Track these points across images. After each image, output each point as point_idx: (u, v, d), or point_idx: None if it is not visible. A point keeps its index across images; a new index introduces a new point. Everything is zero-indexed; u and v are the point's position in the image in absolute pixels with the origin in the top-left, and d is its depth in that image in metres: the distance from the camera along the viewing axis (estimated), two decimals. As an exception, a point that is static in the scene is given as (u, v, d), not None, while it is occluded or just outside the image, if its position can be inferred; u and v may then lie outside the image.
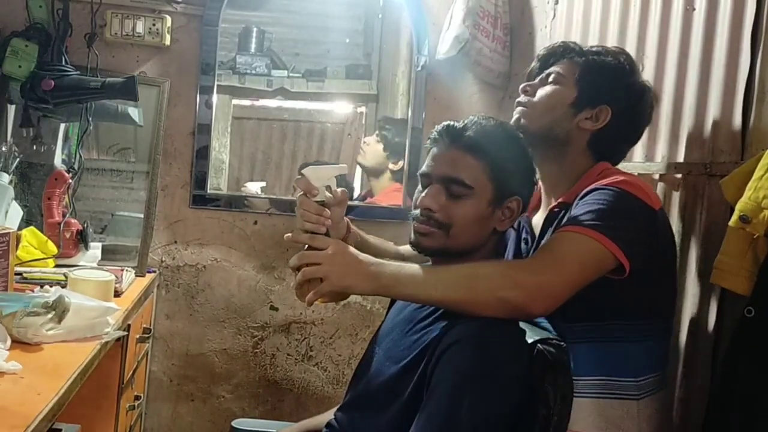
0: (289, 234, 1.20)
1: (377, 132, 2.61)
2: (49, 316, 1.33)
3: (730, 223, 1.19)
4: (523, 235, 1.41)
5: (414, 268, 1.16)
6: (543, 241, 1.31)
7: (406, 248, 1.50)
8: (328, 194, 1.22)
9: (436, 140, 1.26)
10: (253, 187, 2.61)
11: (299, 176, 1.23)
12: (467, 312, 1.11)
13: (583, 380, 1.24)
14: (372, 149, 2.58)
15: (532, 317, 1.16)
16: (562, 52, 1.40)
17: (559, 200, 1.34)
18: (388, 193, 2.55)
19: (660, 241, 1.24)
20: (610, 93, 1.33)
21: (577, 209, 1.21)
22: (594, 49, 1.41)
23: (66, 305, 1.35)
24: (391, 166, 2.56)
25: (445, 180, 1.22)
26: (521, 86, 1.42)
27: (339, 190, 1.25)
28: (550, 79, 1.37)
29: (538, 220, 1.41)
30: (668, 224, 1.31)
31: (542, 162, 1.39)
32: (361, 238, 1.51)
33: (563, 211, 1.29)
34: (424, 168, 1.26)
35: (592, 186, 1.24)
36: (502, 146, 1.24)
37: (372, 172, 2.61)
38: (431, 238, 1.22)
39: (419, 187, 1.27)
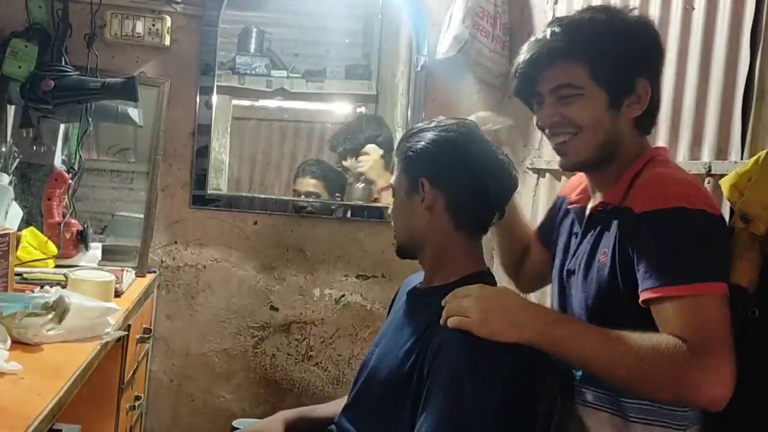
0: None
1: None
2: (50, 316, 1.33)
3: (732, 223, 1.18)
4: (574, 230, 1.30)
5: (589, 333, 1.06)
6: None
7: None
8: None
9: None
10: None
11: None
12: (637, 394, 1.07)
13: (630, 403, 1.13)
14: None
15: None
16: (548, 55, 1.17)
17: (600, 200, 1.21)
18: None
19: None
20: (636, 66, 1.16)
21: (655, 254, 1.05)
22: (577, 26, 1.18)
23: (66, 306, 1.35)
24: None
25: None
26: (541, 122, 1.23)
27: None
28: (565, 95, 1.17)
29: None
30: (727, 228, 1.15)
31: (587, 171, 1.25)
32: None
33: (604, 215, 1.18)
34: None
35: (649, 208, 1.07)
36: (406, 139, 1.33)
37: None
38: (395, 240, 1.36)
39: None
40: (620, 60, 1.14)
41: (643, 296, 1.05)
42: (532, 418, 1.15)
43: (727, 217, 1.32)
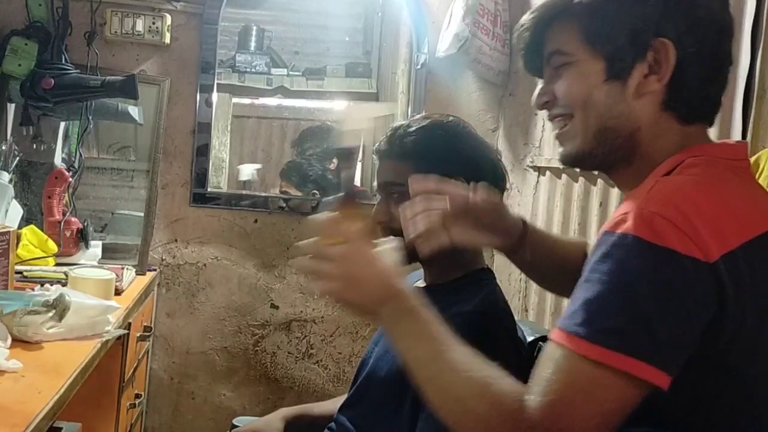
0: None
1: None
2: (50, 314, 1.33)
3: None
4: None
5: (424, 342, 0.84)
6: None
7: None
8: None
9: (375, 157, 1.32)
10: (247, 170, 2.63)
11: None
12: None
13: None
14: None
15: None
16: (536, 22, 0.92)
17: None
18: None
19: (727, 315, 0.72)
20: (650, 18, 0.82)
21: (580, 289, 0.75)
22: None
23: (66, 304, 1.35)
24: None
25: (385, 187, 1.26)
26: (534, 101, 0.95)
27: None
28: (555, 65, 0.90)
29: None
30: (747, 276, 0.72)
31: (612, 176, 0.94)
32: (540, 236, 1.15)
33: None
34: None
35: (607, 227, 0.75)
36: (427, 139, 1.24)
37: None
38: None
39: None
40: (621, 12, 0.83)
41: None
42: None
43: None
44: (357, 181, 2.80)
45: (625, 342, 0.69)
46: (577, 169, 1.66)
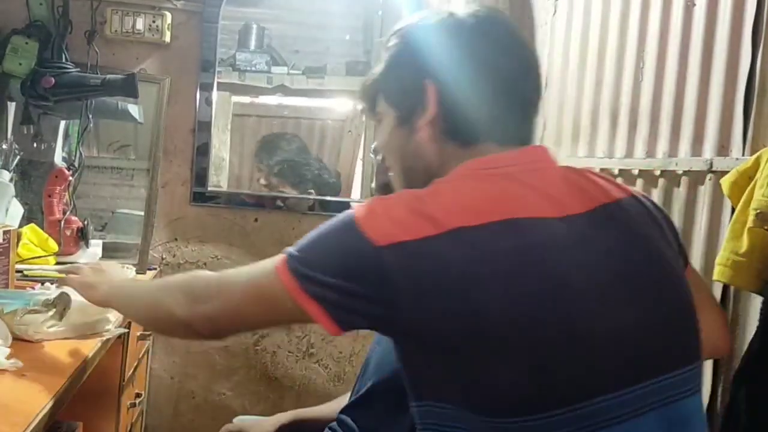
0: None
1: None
2: (50, 313, 1.33)
3: (748, 224, 1.16)
4: None
5: (125, 285, 1.28)
6: None
7: None
8: None
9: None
10: None
11: None
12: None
13: None
14: None
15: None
16: (364, 98, 1.09)
17: None
18: None
19: (401, 293, 0.80)
20: (416, 68, 0.96)
21: None
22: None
23: (67, 303, 1.35)
24: None
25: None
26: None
27: None
28: (376, 123, 1.08)
29: None
30: (429, 263, 0.81)
31: None
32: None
33: None
34: None
35: None
36: None
37: None
38: None
39: None
40: (399, 70, 0.99)
41: None
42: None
43: (727, 215, 1.32)
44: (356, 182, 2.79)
45: (297, 268, 0.87)
46: None
